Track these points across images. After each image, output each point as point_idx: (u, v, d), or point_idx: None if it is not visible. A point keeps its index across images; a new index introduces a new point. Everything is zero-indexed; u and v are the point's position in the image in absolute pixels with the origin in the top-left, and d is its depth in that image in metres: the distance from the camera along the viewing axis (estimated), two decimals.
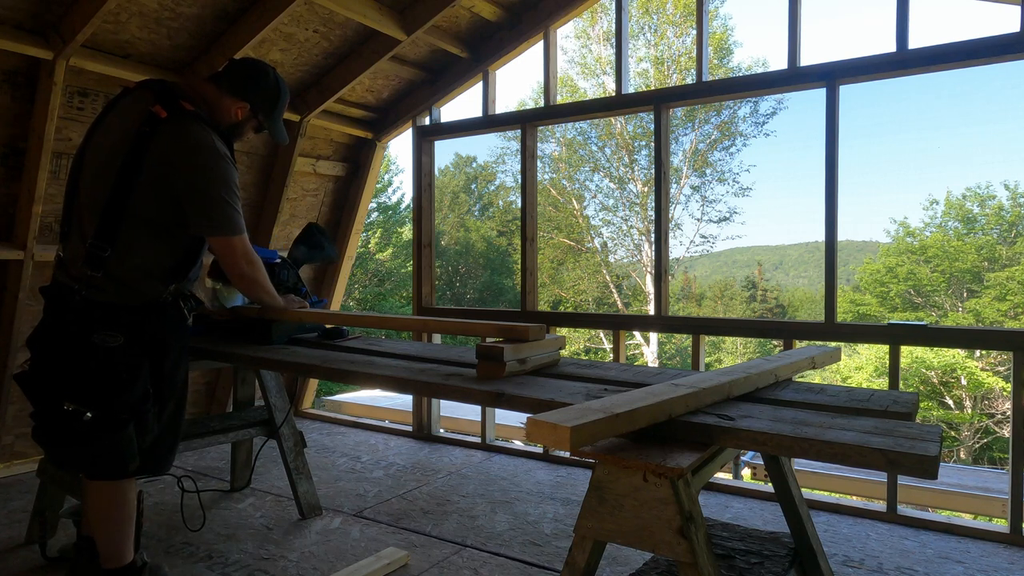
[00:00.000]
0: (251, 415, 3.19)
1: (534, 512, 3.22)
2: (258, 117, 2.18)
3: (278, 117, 2.25)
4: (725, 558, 1.79)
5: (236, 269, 2.10)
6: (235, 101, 2.11)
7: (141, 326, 1.97)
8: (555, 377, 1.92)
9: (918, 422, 1.40)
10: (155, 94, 1.97)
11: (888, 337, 3.17)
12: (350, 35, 3.97)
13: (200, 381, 4.77)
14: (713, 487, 3.59)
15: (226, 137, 2.12)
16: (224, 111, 2.10)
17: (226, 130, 2.13)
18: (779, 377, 1.81)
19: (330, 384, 14.12)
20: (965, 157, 49.64)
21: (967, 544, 2.88)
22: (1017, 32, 2.87)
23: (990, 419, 15.73)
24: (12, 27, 3.06)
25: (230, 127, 2.14)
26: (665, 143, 3.74)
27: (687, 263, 26.39)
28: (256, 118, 2.18)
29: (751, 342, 25.07)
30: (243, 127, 2.19)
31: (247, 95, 2.12)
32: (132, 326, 1.94)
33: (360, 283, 20.07)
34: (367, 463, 4.04)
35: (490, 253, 24.02)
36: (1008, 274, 16.49)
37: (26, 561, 2.58)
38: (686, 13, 17.19)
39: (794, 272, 61.21)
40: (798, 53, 3.37)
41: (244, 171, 4.38)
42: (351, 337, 2.76)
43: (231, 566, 2.59)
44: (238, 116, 2.13)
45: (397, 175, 28.73)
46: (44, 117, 3.20)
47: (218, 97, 2.10)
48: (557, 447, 1.20)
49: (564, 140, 19.56)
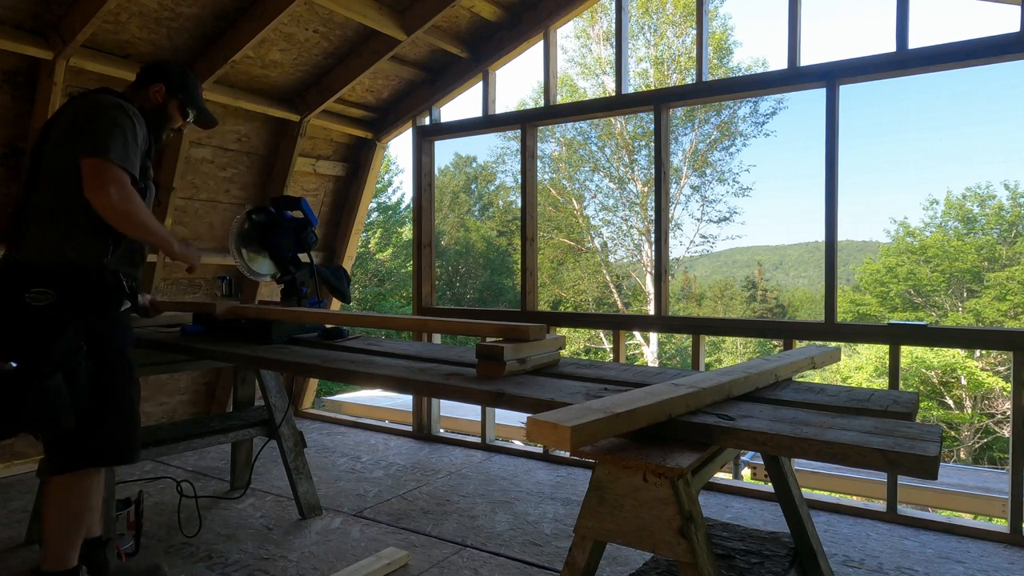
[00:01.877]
0: (251, 415, 3.19)
1: (534, 512, 3.22)
2: (177, 96, 2.31)
3: (196, 95, 2.37)
4: (725, 558, 1.79)
5: (102, 193, 1.97)
6: (150, 86, 2.27)
7: (74, 287, 2.02)
8: (555, 377, 1.92)
9: (918, 422, 1.40)
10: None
11: (888, 337, 3.17)
12: (350, 35, 3.97)
13: (200, 381, 4.77)
14: (713, 487, 3.59)
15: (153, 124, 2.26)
16: (143, 99, 2.26)
17: (153, 116, 2.26)
18: (779, 377, 1.81)
19: (330, 384, 14.11)
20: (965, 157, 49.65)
21: (967, 544, 2.88)
22: (1017, 32, 2.87)
23: (990, 419, 15.72)
24: (12, 27, 3.06)
25: (155, 111, 2.28)
26: (665, 143, 3.74)
27: (687, 263, 26.40)
28: (176, 97, 2.31)
29: (751, 342, 25.07)
30: (166, 108, 2.30)
31: (158, 76, 2.28)
32: (64, 286, 2.00)
33: (360, 283, 20.07)
34: (367, 463, 4.04)
35: (490, 253, 24.02)
36: (1008, 274, 16.49)
37: (26, 561, 2.58)
38: (686, 13, 17.18)
39: (794, 272, 61.20)
40: (798, 53, 3.37)
41: (244, 171, 4.38)
42: (351, 337, 2.76)
43: (231, 566, 2.59)
44: (158, 98, 2.27)
45: (397, 175, 28.74)
46: (44, 117, 3.20)
47: (135, 90, 2.28)
48: (557, 447, 1.20)
49: (564, 140, 19.55)
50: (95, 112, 2.05)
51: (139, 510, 2.67)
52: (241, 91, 4.04)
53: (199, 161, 4.08)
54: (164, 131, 2.36)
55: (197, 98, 2.39)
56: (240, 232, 2.82)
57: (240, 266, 2.81)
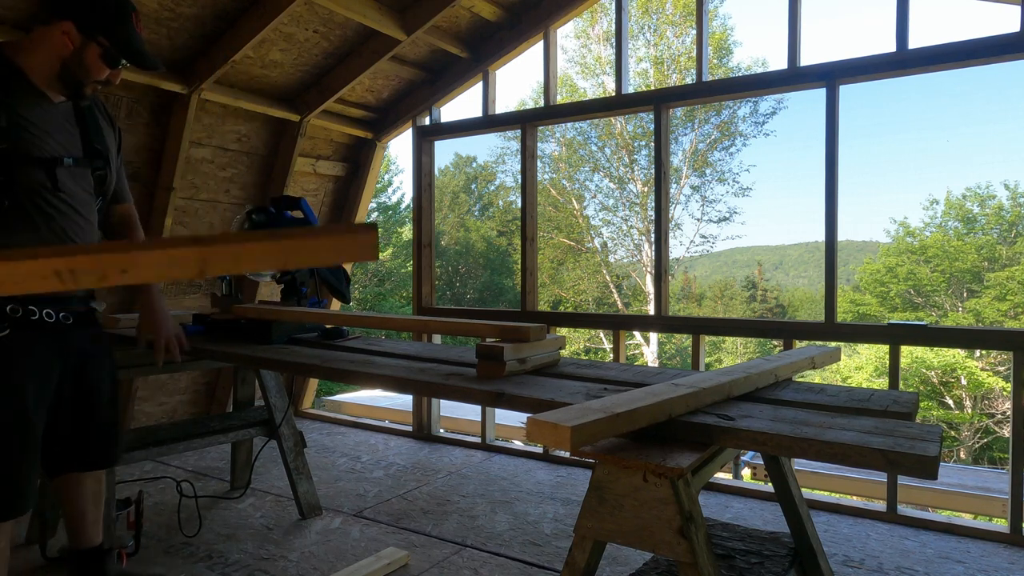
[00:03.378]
0: (251, 415, 3.19)
1: (534, 512, 3.22)
2: (95, 36, 1.69)
3: (123, 29, 1.72)
4: (725, 558, 1.79)
5: None
6: (52, 25, 1.66)
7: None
8: (555, 377, 1.92)
9: (918, 422, 1.40)
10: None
11: (888, 337, 3.17)
12: (350, 35, 3.97)
13: (200, 381, 4.77)
14: (713, 487, 3.59)
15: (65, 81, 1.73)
16: (48, 46, 1.68)
17: (62, 71, 1.71)
18: (779, 377, 1.81)
19: (330, 384, 14.11)
20: (965, 157, 49.71)
21: (967, 544, 2.88)
22: (1017, 32, 2.87)
23: (990, 419, 15.73)
24: (11, 27, 3.06)
25: (66, 63, 1.70)
26: (665, 143, 3.74)
27: (687, 263, 26.39)
28: (94, 40, 1.69)
29: (751, 342, 25.07)
30: (83, 56, 1.69)
31: (64, 9, 1.66)
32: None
33: (360, 283, 20.07)
34: (367, 463, 4.04)
35: (490, 253, 24.02)
36: (1008, 274, 16.49)
37: (26, 561, 2.58)
38: (686, 13, 17.19)
39: (794, 272, 61.20)
40: (798, 53, 3.37)
41: (244, 171, 4.38)
42: (351, 337, 2.76)
43: (231, 566, 2.59)
44: (69, 44, 1.67)
45: (397, 175, 28.76)
46: None
47: (33, 36, 1.69)
48: (557, 447, 1.20)
49: (564, 140, 19.56)
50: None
51: (139, 510, 2.67)
52: (241, 91, 4.04)
53: (199, 161, 4.08)
54: (87, 88, 1.76)
55: (127, 35, 1.72)
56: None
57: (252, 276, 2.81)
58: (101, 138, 1.93)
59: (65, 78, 1.72)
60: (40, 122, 1.73)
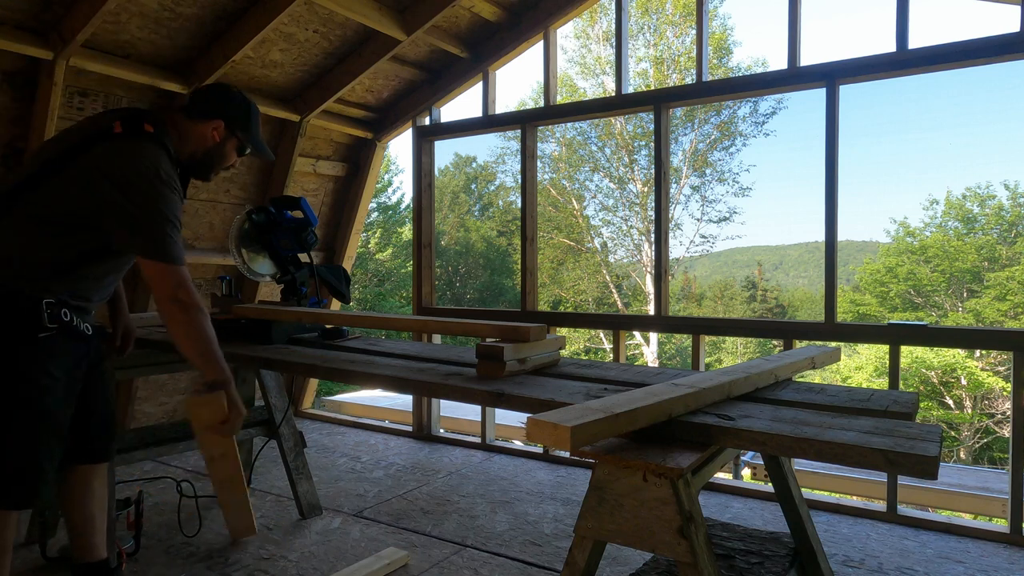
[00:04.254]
0: (251, 415, 3.19)
1: (534, 512, 3.22)
2: (236, 134, 2.11)
3: (256, 130, 2.17)
4: (725, 558, 1.79)
5: (166, 294, 1.86)
6: (209, 122, 2.05)
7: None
8: (555, 377, 1.92)
9: (918, 422, 1.40)
10: (120, 116, 1.91)
11: (888, 337, 3.17)
12: (350, 35, 3.97)
13: (200, 381, 4.76)
14: (713, 487, 3.59)
15: (204, 164, 2.09)
16: (199, 136, 2.05)
17: (204, 156, 2.08)
18: (779, 377, 1.81)
19: (330, 384, 14.11)
20: (965, 157, 49.73)
21: (967, 544, 2.88)
22: (1017, 32, 2.87)
23: (990, 419, 15.73)
24: (12, 27, 3.06)
25: (209, 151, 2.08)
26: (665, 143, 3.74)
27: (687, 263, 26.37)
28: (235, 135, 2.11)
29: (751, 342, 25.08)
30: (224, 148, 2.11)
31: (219, 112, 2.07)
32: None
33: (360, 283, 20.07)
34: (367, 463, 4.04)
35: (490, 253, 24.02)
36: (1008, 274, 16.49)
37: (26, 561, 2.58)
38: (685, 13, 17.19)
39: (794, 272, 61.21)
40: (798, 53, 3.37)
41: (244, 171, 4.38)
42: (351, 337, 2.76)
43: (231, 566, 2.59)
44: (215, 137, 2.07)
45: (397, 175, 28.76)
46: (44, 117, 3.20)
47: (190, 125, 2.04)
48: (557, 447, 1.20)
49: (564, 140, 19.56)
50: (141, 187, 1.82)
51: (139, 510, 2.67)
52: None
53: None
54: (214, 171, 2.14)
55: (255, 133, 2.15)
56: (240, 232, 2.81)
57: (240, 266, 2.80)
58: None
59: (205, 163, 2.10)
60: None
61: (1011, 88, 43.30)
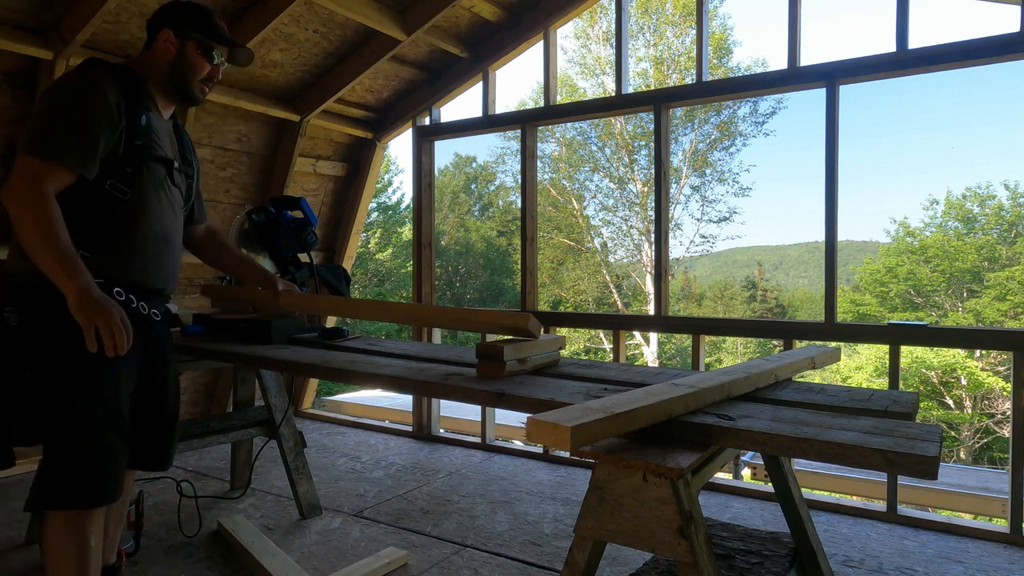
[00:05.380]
0: (251, 415, 3.19)
1: (534, 512, 3.22)
2: (192, 36, 1.92)
3: (213, 27, 1.97)
4: (725, 558, 1.79)
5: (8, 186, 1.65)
6: (158, 37, 1.92)
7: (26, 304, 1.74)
8: (555, 377, 1.92)
9: (918, 422, 1.40)
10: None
11: (888, 337, 3.17)
12: (350, 35, 3.97)
13: (200, 381, 4.77)
14: (713, 487, 3.59)
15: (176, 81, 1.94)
16: (158, 55, 1.92)
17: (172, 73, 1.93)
18: (779, 377, 1.81)
19: (330, 384, 14.11)
20: (965, 157, 49.74)
21: (967, 544, 2.88)
22: (1017, 32, 2.87)
23: (990, 419, 15.73)
24: (12, 27, 3.06)
25: (173, 64, 1.92)
26: (665, 143, 3.74)
27: (687, 263, 26.37)
28: (190, 38, 1.92)
29: (751, 342, 25.07)
30: (185, 55, 1.93)
31: (162, 22, 1.93)
32: (20, 303, 1.75)
33: (360, 283, 20.08)
34: (367, 463, 4.04)
35: (490, 253, 24.02)
36: (1008, 274, 16.49)
37: (26, 561, 2.58)
38: (685, 13, 17.19)
39: (794, 272, 61.20)
40: (798, 53, 3.37)
41: (244, 171, 4.38)
42: (351, 337, 2.76)
43: (231, 566, 2.59)
44: (171, 49, 1.91)
45: (397, 175, 28.77)
46: None
47: (146, 53, 1.94)
48: (557, 447, 1.20)
49: (564, 140, 19.56)
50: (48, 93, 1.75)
51: (139, 510, 2.67)
52: (241, 91, 4.04)
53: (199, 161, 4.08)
54: (194, 86, 1.96)
55: (217, 29, 1.97)
56: (240, 232, 2.82)
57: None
58: (192, 154, 2.22)
59: (175, 80, 1.94)
60: (158, 128, 1.95)
61: (1011, 88, 43.34)
